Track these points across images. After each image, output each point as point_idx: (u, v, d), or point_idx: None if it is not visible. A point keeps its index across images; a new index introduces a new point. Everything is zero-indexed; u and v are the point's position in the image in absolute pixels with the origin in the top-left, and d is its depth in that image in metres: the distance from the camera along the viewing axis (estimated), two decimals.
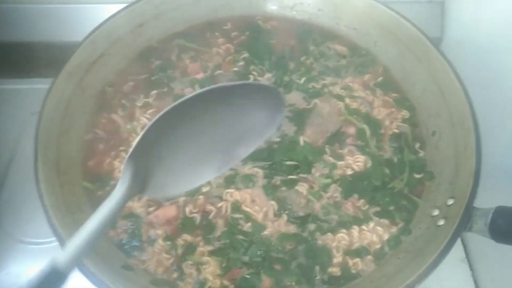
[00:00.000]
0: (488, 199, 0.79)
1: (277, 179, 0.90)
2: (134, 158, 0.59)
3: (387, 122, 1.00)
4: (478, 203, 0.77)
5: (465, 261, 1.10)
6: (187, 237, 0.83)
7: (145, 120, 0.98)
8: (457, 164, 0.86)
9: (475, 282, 1.07)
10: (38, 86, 1.21)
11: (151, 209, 0.86)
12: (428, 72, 1.00)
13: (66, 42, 1.24)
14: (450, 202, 0.81)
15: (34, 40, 1.30)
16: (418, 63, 1.03)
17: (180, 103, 0.61)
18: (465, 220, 0.75)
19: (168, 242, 0.83)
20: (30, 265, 0.99)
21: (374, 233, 0.85)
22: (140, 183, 0.63)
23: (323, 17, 1.17)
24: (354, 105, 1.02)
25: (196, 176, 0.73)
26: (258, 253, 0.81)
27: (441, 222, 0.79)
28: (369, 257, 0.83)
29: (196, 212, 0.86)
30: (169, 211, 0.85)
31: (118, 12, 1.05)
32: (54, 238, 0.74)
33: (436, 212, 0.83)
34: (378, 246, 0.84)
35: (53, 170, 0.84)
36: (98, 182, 0.90)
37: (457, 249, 1.10)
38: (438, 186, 0.88)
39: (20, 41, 1.30)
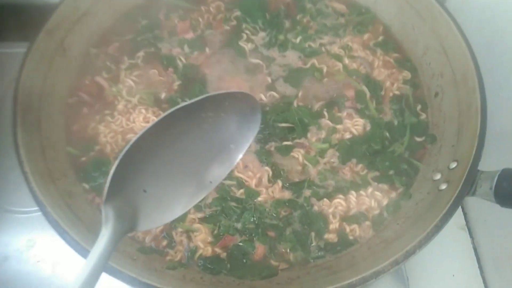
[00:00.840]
0: (494, 162, 0.75)
1: (271, 145, 0.86)
2: (113, 197, 0.57)
3: (387, 84, 0.95)
4: (483, 166, 0.73)
5: (465, 228, 1.08)
6: None
7: (130, 82, 0.93)
8: (460, 126, 0.82)
9: (475, 249, 1.05)
10: (19, 50, 1.16)
11: None
12: (430, 29, 0.95)
13: (51, 4, 1.18)
14: (453, 165, 0.77)
15: (14, 1, 1.23)
16: (420, 20, 0.97)
17: (149, 129, 0.60)
18: (469, 184, 0.71)
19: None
20: (16, 234, 0.95)
21: (373, 198, 0.82)
22: (128, 221, 0.60)
23: None
24: (354, 65, 0.97)
25: (181, 200, 0.71)
26: (252, 220, 0.78)
27: (443, 186, 0.75)
28: (367, 223, 0.80)
29: None
30: None
31: None
32: None
33: (438, 176, 0.79)
34: (376, 212, 0.81)
35: (34, 134, 0.80)
36: (82, 147, 0.86)
37: (458, 216, 1.09)
38: (440, 149, 0.85)
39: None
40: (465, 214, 1.09)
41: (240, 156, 0.79)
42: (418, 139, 0.89)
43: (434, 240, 0.69)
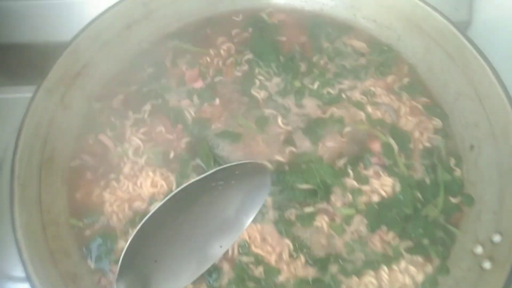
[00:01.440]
0: None
1: (291, 212, 0.78)
2: (125, 272, 0.59)
3: (416, 134, 0.87)
4: None
5: None
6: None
7: (137, 141, 0.86)
8: (501, 189, 0.74)
9: None
10: (25, 95, 1.11)
11: None
12: (462, 72, 0.87)
13: (53, 42, 1.11)
14: (497, 238, 0.69)
15: (19, 41, 1.16)
16: (450, 61, 0.89)
17: (164, 204, 0.62)
18: None
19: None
20: None
21: (406, 273, 0.74)
22: None
23: (338, 8, 1.03)
24: (378, 113, 0.89)
25: (191, 267, 0.70)
26: None
27: (487, 265, 0.67)
28: None
29: None
30: None
31: (102, 13, 0.91)
32: None
33: (479, 249, 0.71)
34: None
35: (34, 211, 0.74)
36: (86, 218, 0.79)
37: None
38: (479, 214, 0.76)
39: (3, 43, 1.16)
40: None
41: (250, 221, 0.75)
42: (453, 200, 0.80)
43: None
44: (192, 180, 0.65)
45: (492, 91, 0.80)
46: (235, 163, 0.69)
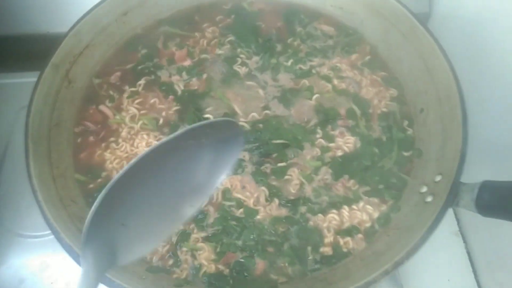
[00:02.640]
0: (477, 172, 0.80)
1: (267, 167, 0.91)
2: (91, 240, 0.54)
3: (375, 102, 1.01)
4: (467, 177, 0.78)
5: (458, 234, 1.13)
6: None
7: (133, 109, 0.99)
8: (444, 140, 0.87)
9: (468, 253, 1.10)
10: (26, 79, 1.21)
11: None
12: (414, 49, 1.00)
13: (52, 34, 1.25)
14: (438, 178, 0.82)
15: (19, 32, 1.28)
16: (404, 40, 1.03)
17: (131, 167, 0.57)
18: (452, 196, 0.76)
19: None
20: (30, 258, 1.00)
21: (364, 211, 0.87)
22: (106, 258, 0.58)
23: None
24: (343, 85, 1.03)
25: (163, 228, 0.68)
26: (251, 237, 0.83)
27: (429, 199, 0.80)
28: (360, 235, 0.85)
29: None
30: None
31: (102, 1, 1.03)
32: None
33: (424, 189, 0.84)
34: (368, 225, 0.86)
35: (45, 164, 0.85)
36: (90, 174, 0.91)
37: (451, 223, 1.14)
38: (426, 163, 0.90)
39: (3, 34, 1.28)
40: (458, 220, 1.15)
41: (222, 177, 0.74)
42: (405, 154, 0.94)
43: (430, 245, 0.74)
44: (162, 141, 0.60)
45: (438, 63, 0.93)
46: (205, 121, 0.74)
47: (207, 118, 0.97)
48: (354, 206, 0.87)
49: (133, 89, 1.02)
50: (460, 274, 1.07)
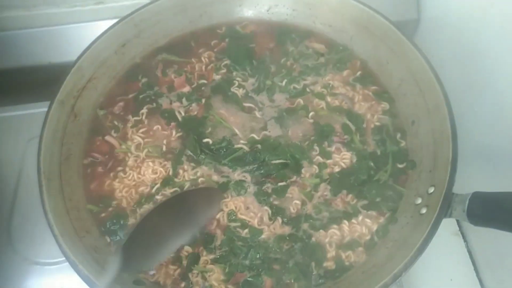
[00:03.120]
0: (469, 176, 0.85)
1: (268, 187, 0.96)
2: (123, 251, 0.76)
3: (368, 116, 1.05)
4: (460, 180, 0.83)
5: (459, 233, 1.16)
6: (188, 248, 0.89)
7: (138, 138, 1.03)
8: (435, 152, 0.91)
9: (469, 252, 1.14)
10: (33, 110, 1.28)
11: None
12: (403, 63, 1.05)
13: (54, 64, 1.30)
14: (431, 190, 0.87)
15: (22, 65, 1.33)
16: (393, 55, 1.07)
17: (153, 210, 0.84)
18: (445, 207, 0.80)
19: (172, 255, 0.89)
20: (48, 285, 1.05)
21: (364, 225, 0.91)
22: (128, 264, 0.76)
23: (299, 17, 1.21)
24: (336, 102, 1.07)
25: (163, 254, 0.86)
26: (257, 256, 0.87)
27: (424, 210, 0.85)
28: (360, 248, 0.89)
29: None
30: None
31: (100, 36, 1.08)
32: None
33: (419, 201, 0.89)
34: (368, 238, 0.90)
35: (58, 199, 0.90)
36: (101, 204, 0.95)
37: (451, 223, 1.17)
38: (419, 174, 0.94)
39: (7, 67, 1.33)
40: (457, 220, 1.18)
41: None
42: (399, 166, 0.98)
43: (430, 247, 0.78)
44: (159, 203, 0.89)
45: (425, 75, 0.98)
46: (194, 188, 0.94)
47: (206, 143, 1.02)
48: (353, 220, 0.92)
49: (136, 118, 1.07)
50: (462, 274, 1.11)
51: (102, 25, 1.22)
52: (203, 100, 1.09)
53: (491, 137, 1.04)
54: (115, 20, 1.11)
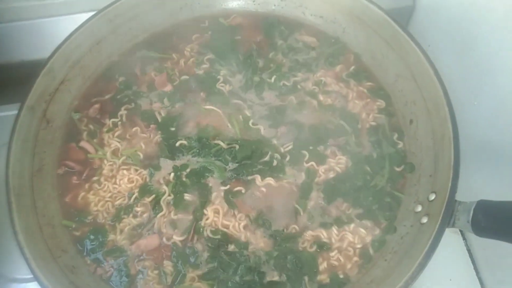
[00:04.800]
0: (470, 174, 0.79)
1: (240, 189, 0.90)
2: None
3: (363, 115, 0.99)
4: (459, 185, 0.77)
5: (458, 232, 1.11)
6: (167, 263, 0.83)
7: (115, 143, 0.96)
8: (436, 155, 0.86)
9: (469, 250, 1.09)
10: (2, 114, 1.19)
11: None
12: (399, 57, 0.98)
13: (27, 61, 1.20)
14: (432, 197, 0.81)
15: None
16: (388, 48, 1.00)
17: None
18: (447, 217, 0.74)
19: (156, 272, 0.83)
20: None
21: (356, 234, 0.86)
22: None
23: (288, 8, 1.13)
24: (329, 100, 1.00)
25: None
26: (249, 272, 0.82)
27: (425, 220, 0.79)
28: (355, 258, 0.84)
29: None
30: (151, 240, 0.84)
31: (71, 33, 1.00)
32: None
33: (419, 208, 0.83)
34: (362, 247, 0.85)
35: (30, 216, 0.83)
36: (77, 218, 0.88)
37: None
38: (419, 178, 0.88)
39: None
40: None
41: None
42: (397, 169, 0.92)
43: None
44: None
45: (423, 71, 0.91)
46: None
47: (181, 145, 0.95)
48: (345, 227, 0.86)
49: (114, 119, 0.99)
50: (462, 273, 1.07)
51: (77, 19, 1.13)
52: (187, 99, 1.01)
53: (492, 132, 0.99)
54: (91, 13, 1.03)
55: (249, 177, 0.91)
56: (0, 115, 1.17)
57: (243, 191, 0.90)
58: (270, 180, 0.91)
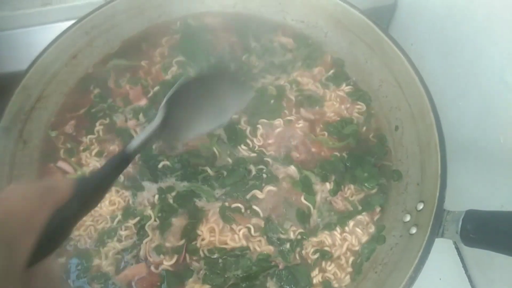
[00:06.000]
0: (455, 176, 0.79)
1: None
2: (167, 106, 0.70)
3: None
4: (449, 186, 0.77)
5: None
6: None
7: (94, 162, 0.92)
8: (422, 163, 0.85)
9: (457, 248, 1.09)
10: None
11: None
12: (382, 62, 0.97)
13: (1, 74, 1.15)
14: (420, 206, 0.80)
15: None
16: (371, 53, 0.99)
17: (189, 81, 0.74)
18: (436, 227, 0.73)
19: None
20: None
21: (354, 234, 0.86)
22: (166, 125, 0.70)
23: (267, 12, 1.11)
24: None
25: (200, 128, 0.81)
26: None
27: (414, 231, 0.78)
28: (349, 269, 0.83)
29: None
30: (138, 269, 0.81)
31: (47, 47, 0.96)
32: None
33: (407, 218, 0.82)
34: (357, 249, 0.85)
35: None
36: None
37: None
38: (406, 187, 0.87)
39: None
40: None
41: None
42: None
43: None
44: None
45: (408, 77, 0.90)
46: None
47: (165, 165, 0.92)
48: (346, 228, 0.86)
49: (91, 136, 0.96)
50: (451, 272, 1.06)
51: (52, 29, 1.10)
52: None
53: (478, 133, 0.98)
54: (66, 23, 1.00)
55: (248, 196, 0.89)
56: None
57: (242, 210, 0.87)
58: (270, 187, 0.89)
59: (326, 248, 0.84)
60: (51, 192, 0.47)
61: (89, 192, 0.51)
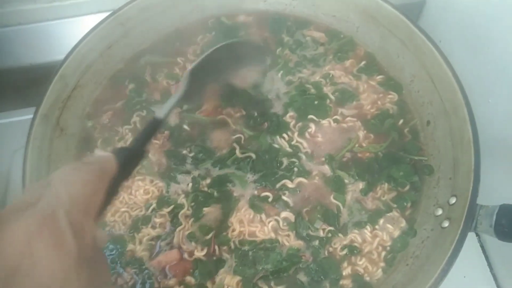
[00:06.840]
0: (488, 173, 0.79)
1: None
2: (191, 77, 0.79)
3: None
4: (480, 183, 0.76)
5: None
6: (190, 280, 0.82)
7: None
8: (455, 157, 0.84)
9: (482, 247, 1.08)
10: (15, 119, 1.18)
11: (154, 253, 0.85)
12: (414, 57, 0.97)
13: (35, 65, 1.20)
14: (453, 200, 0.80)
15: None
16: (403, 47, 0.99)
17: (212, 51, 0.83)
18: (469, 221, 0.73)
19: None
20: None
21: (384, 231, 0.85)
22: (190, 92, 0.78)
23: (299, 6, 1.11)
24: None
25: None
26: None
27: (446, 224, 0.78)
28: (381, 264, 0.83)
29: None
30: (171, 256, 0.83)
31: (84, 37, 0.98)
32: None
33: (439, 212, 0.82)
34: (386, 250, 0.84)
35: None
36: None
37: None
38: (438, 181, 0.87)
39: None
40: None
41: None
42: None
43: None
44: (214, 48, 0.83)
45: (441, 72, 0.89)
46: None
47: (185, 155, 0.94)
48: (376, 226, 0.86)
49: (128, 126, 0.98)
50: (476, 269, 1.05)
51: (85, 21, 1.13)
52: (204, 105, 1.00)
53: (508, 130, 0.97)
54: (99, 15, 1.02)
55: (277, 185, 0.89)
56: (15, 119, 1.18)
57: (270, 199, 0.88)
58: (301, 179, 0.90)
59: (355, 244, 0.85)
60: (103, 172, 0.50)
61: (129, 159, 0.59)
